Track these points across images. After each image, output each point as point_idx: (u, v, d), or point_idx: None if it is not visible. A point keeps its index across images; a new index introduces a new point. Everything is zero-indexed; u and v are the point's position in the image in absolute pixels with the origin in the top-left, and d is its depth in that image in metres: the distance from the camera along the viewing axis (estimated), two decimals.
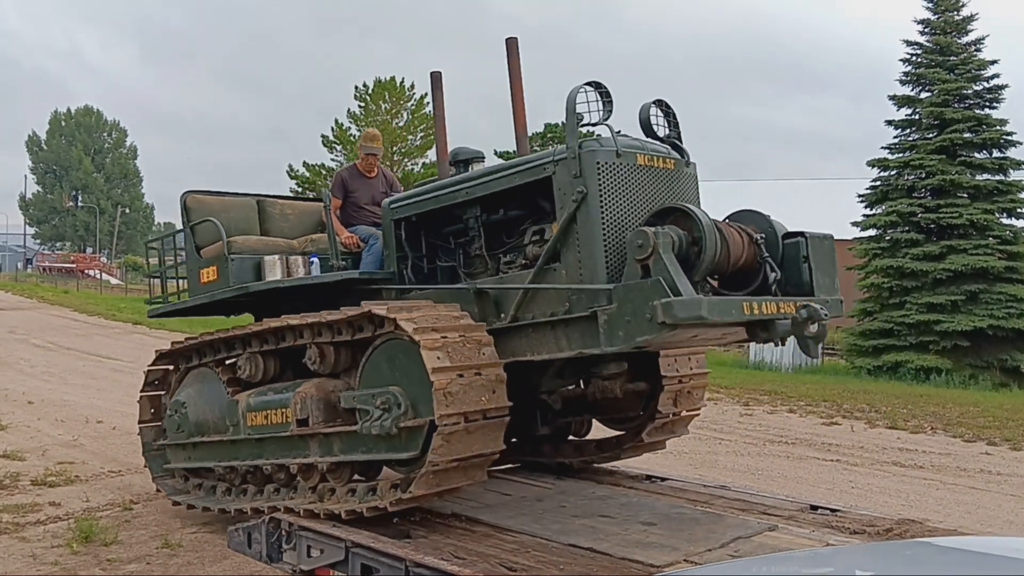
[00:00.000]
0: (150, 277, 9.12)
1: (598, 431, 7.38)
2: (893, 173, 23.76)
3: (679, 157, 5.73)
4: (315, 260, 7.03)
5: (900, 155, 23.76)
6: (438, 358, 5.17)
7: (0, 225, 76.27)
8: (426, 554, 5.15)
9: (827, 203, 41.13)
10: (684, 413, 6.99)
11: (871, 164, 24.06)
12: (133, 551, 6.37)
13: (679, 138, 5.81)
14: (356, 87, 36.78)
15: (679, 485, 7.23)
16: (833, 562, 2.66)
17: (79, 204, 69.19)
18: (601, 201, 5.21)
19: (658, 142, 5.71)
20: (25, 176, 72.33)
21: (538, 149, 25.83)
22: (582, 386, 7.06)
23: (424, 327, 5.31)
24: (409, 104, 37.06)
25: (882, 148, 24.19)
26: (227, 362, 6.91)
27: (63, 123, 72.13)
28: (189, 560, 6.23)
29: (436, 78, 7.09)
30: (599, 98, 5.59)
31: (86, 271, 58.31)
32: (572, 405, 7.09)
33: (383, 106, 36.68)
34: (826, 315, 4.95)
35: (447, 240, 6.38)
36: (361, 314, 5.68)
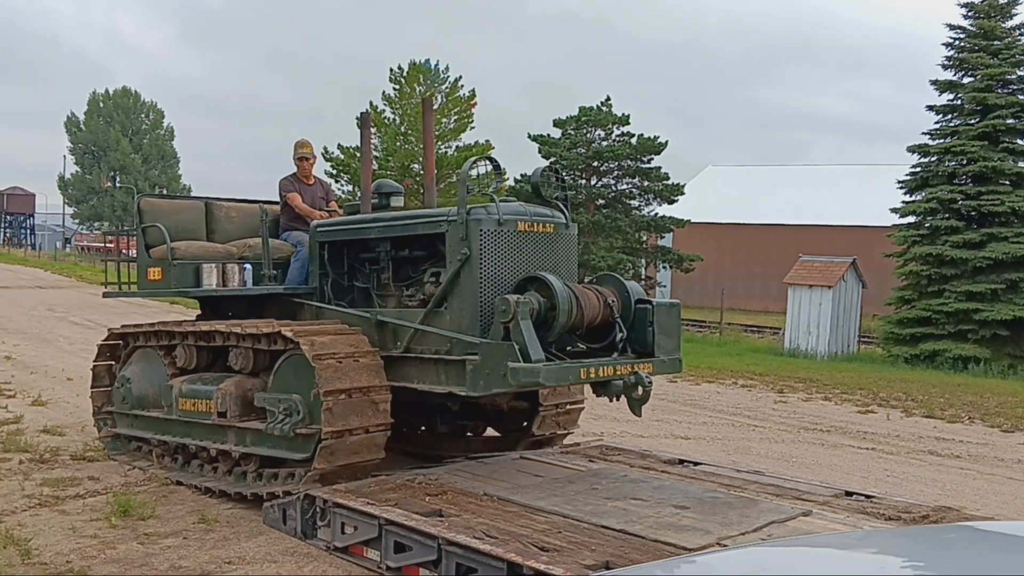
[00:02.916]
0: (106, 261, 10.52)
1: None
2: (934, 159, 23.36)
3: (561, 220, 6.67)
4: (248, 267, 7.85)
5: (941, 141, 23.35)
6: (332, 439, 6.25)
7: (40, 205, 77.45)
8: (458, 532, 5.18)
9: (867, 189, 40.69)
10: (559, 432, 8.00)
11: (911, 150, 23.67)
12: (170, 526, 6.45)
13: (565, 201, 6.78)
14: (391, 69, 36.72)
15: (712, 470, 7.23)
16: (873, 544, 2.63)
17: (117, 184, 69.93)
18: (481, 263, 6.17)
19: (545, 205, 6.70)
20: (64, 156, 73.22)
21: (572, 134, 25.70)
22: None
23: (337, 389, 6.24)
24: (443, 87, 36.98)
25: (923, 134, 23.80)
26: (167, 345, 7.99)
27: (101, 104, 72.80)
28: (225, 535, 6.29)
29: (365, 118, 8.05)
30: (491, 171, 6.63)
31: (124, 251, 58.86)
32: (467, 410, 7.89)
33: (418, 89, 36.63)
34: (649, 382, 6.09)
35: (363, 265, 7.37)
36: (279, 336, 6.72)
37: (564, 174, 6.93)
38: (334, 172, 35.04)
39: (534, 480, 6.64)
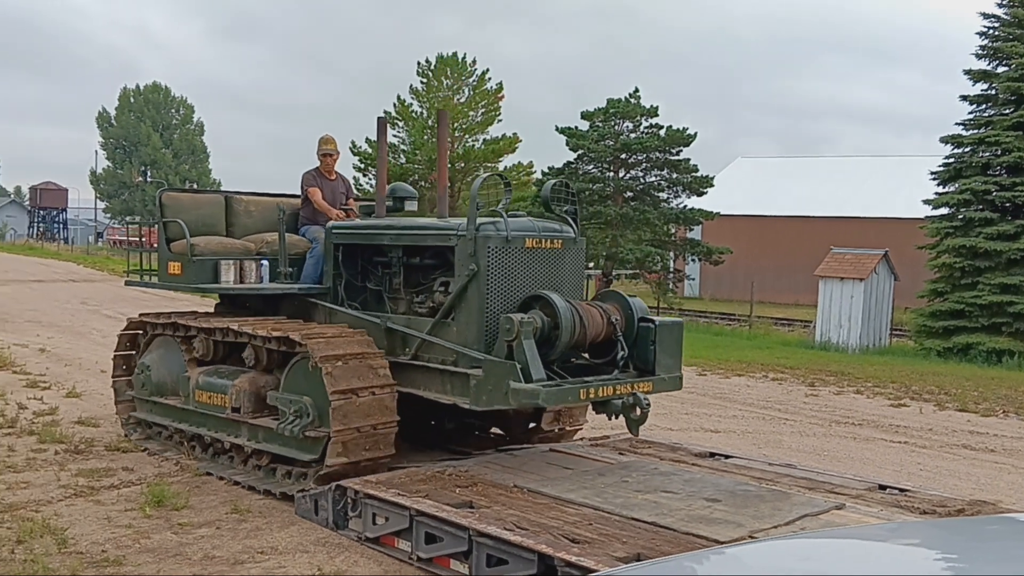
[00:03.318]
0: (128, 250, 10.76)
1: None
2: (967, 150, 23.00)
3: (570, 234, 6.84)
4: (265, 264, 8.09)
5: (975, 131, 22.99)
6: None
7: (72, 200, 78.38)
8: (489, 523, 5.19)
9: (899, 181, 40.24)
10: (568, 429, 8.13)
11: (944, 141, 23.33)
12: (203, 516, 6.51)
13: (575, 215, 6.98)
14: (419, 63, 36.84)
15: (743, 463, 7.20)
16: (910, 536, 2.59)
17: (148, 179, 70.60)
18: (488, 279, 6.33)
19: (554, 219, 6.90)
20: (96, 152, 74.04)
21: (600, 126, 25.52)
22: None
23: (332, 355, 6.47)
24: (471, 80, 36.99)
25: (956, 124, 23.48)
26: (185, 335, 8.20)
27: (132, 99, 73.49)
28: (258, 525, 6.35)
29: (381, 124, 8.13)
30: (501, 188, 6.90)
31: (148, 244, 59.35)
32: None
33: (445, 82, 36.68)
34: (647, 403, 6.28)
35: (376, 269, 7.57)
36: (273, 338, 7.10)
37: (574, 188, 7.15)
38: (362, 166, 35.21)
39: (564, 472, 6.64)
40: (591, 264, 30.17)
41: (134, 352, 8.99)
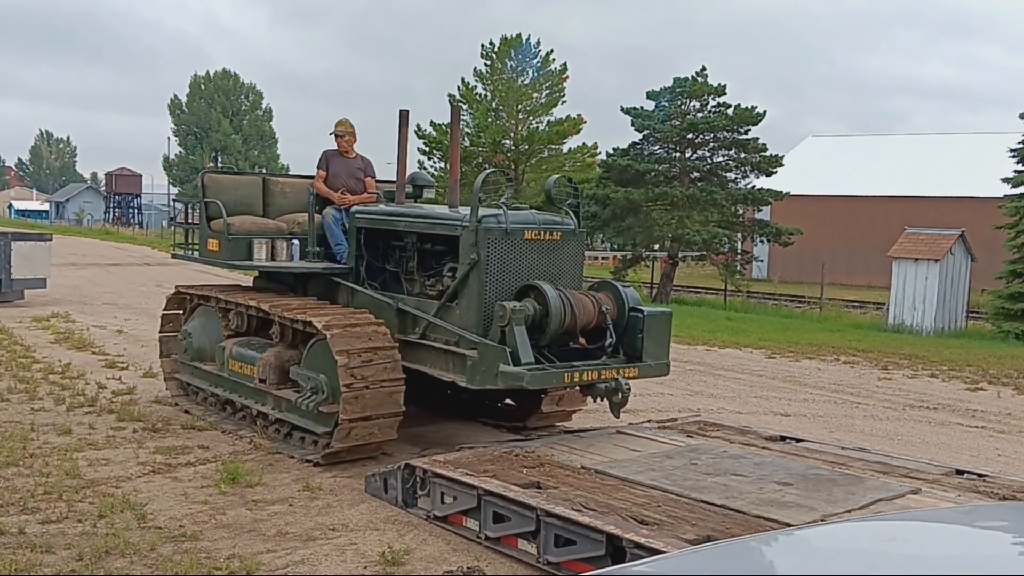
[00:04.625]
0: (174, 225, 11.41)
1: None
2: None
3: (570, 227, 7.27)
4: (296, 243, 8.60)
5: None
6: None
7: (146, 185, 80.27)
8: (557, 504, 5.20)
9: (976, 158, 39.07)
10: (568, 409, 8.57)
11: None
12: (276, 493, 6.64)
13: (577, 208, 7.42)
14: (482, 45, 36.75)
15: (815, 447, 7.09)
16: (997, 518, 2.52)
17: (219, 165, 71.98)
18: (487, 269, 6.81)
19: (556, 212, 7.43)
20: (168, 138, 75.69)
21: (666, 106, 25.17)
22: None
23: (336, 323, 7.07)
24: (535, 61, 36.81)
25: None
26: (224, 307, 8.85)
27: (202, 86, 74.90)
28: (329, 503, 6.45)
29: (403, 116, 8.43)
30: (503, 181, 7.46)
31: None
32: None
33: (509, 64, 36.56)
34: (628, 388, 6.79)
35: (394, 252, 8.08)
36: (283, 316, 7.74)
37: (576, 182, 7.67)
38: (426, 149, 35.34)
39: (631, 454, 6.61)
40: (656, 247, 29.91)
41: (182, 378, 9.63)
